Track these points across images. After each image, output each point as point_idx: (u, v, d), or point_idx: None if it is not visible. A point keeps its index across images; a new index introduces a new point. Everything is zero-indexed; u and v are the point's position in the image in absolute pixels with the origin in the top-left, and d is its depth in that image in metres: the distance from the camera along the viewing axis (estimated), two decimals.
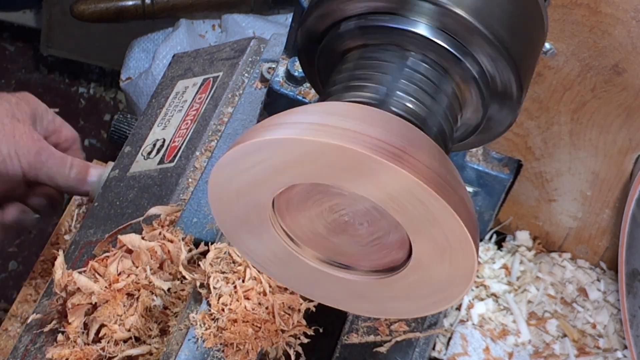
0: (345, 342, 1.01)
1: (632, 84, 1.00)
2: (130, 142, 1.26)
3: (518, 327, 1.15)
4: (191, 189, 1.12)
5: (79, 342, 0.98)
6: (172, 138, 1.21)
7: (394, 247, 0.82)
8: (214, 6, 1.78)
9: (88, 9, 1.76)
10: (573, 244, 1.20)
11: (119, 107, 2.50)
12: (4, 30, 2.54)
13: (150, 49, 1.84)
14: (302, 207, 0.83)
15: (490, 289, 1.18)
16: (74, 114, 2.48)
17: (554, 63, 1.01)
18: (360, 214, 0.81)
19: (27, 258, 2.19)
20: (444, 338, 1.13)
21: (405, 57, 0.84)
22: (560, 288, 1.18)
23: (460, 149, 0.95)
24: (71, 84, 2.52)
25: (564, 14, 0.97)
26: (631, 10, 0.94)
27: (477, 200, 1.11)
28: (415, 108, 0.83)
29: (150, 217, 1.08)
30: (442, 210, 0.74)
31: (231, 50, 1.30)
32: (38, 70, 2.52)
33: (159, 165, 1.19)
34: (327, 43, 0.88)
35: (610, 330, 1.16)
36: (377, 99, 0.82)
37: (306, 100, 1.06)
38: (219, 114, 1.19)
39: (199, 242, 1.04)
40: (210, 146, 1.15)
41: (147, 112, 1.30)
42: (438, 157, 0.77)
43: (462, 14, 0.81)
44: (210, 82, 1.26)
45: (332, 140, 0.73)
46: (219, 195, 0.84)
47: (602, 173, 1.10)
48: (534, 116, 1.07)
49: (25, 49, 2.55)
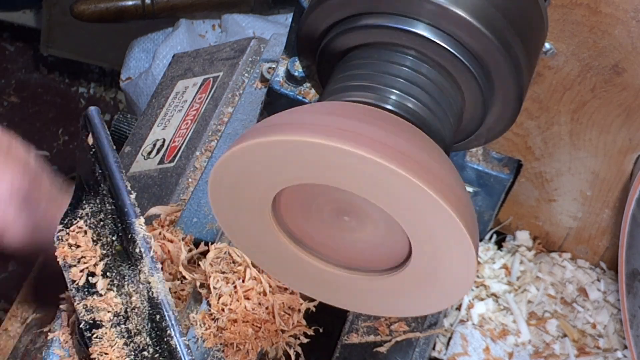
0: (345, 342, 1.01)
1: (632, 84, 1.00)
2: (130, 142, 1.26)
3: (518, 327, 1.15)
4: (191, 189, 1.12)
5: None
6: (172, 138, 1.21)
7: (393, 247, 0.82)
8: (214, 6, 1.78)
9: (88, 9, 1.76)
10: (573, 244, 1.20)
11: (119, 107, 2.50)
12: (4, 30, 2.54)
13: (150, 49, 1.84)
14: (301, 206, 0.83)
15: (490, 289, 1.18)
16: (74, 114, 2.48)
17: (554, 63, 1.01)
18: (359, 214, 0.81)
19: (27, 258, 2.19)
20: (444, 338, 1.13)
21: (406, 57, 0.84)
22: (560, 288, 1.18)
23: (460, 149, 0.95)
24: (71, 84, 2.52)
25: (564, 14, 0.97)
26: (631, 10, 0.94)
27: (477, 200, 1.11)
28: (415, 108, 0.83)
29: (150, 217, 1.08)
30: (441, 211, 0.74)
31: (231, 50, 1.30)
32: (38, 70, 2.52)
33: (159, 165, 1.19)
34: (327, 43, 0.88)
35: (610, 330, 1.16)
36: (377, 98, 0.82)
37: (306, 100, 1.06)
38: (219, 114, 1.19)
39: (199, 242, 1.04)
40: (210, 146, 1.15)
41: (147, 112, 1.30)
42: (438, 157, 0.77)
43: (462, 14, 0.81)
44: (210, 82, 1.26)
45: (331, 141, 0.73)
46: (219, 194, 0.84)
47: (602, 173, 1.10)
48: (534, 116, 1.07)
49: (25, 49, 2.55)
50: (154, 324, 0.76)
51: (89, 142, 0.82)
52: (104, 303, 0.78)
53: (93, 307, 0.78)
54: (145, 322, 0.77)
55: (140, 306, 0.77)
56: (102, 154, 0.80)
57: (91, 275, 0.80)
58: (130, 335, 0.78)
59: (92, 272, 0.80)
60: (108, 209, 0.79)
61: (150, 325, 0.77)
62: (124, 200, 0.78)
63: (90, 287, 0.79)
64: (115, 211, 0.79)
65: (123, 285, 0.78)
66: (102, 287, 0.79)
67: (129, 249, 0.78)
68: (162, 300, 0.76)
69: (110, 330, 0.78)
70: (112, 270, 0.79)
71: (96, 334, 0.78)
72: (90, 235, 0.80)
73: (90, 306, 0.78)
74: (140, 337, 0.77)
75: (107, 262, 0.80)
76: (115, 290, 0.79)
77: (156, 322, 0.76)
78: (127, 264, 0.78)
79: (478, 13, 0.81)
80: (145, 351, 0.77)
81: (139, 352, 0.77)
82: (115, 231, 0.79)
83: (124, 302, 0.78)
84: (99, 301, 0.78)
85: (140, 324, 0.77)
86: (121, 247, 0.79)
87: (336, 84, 0.85)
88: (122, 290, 0.79)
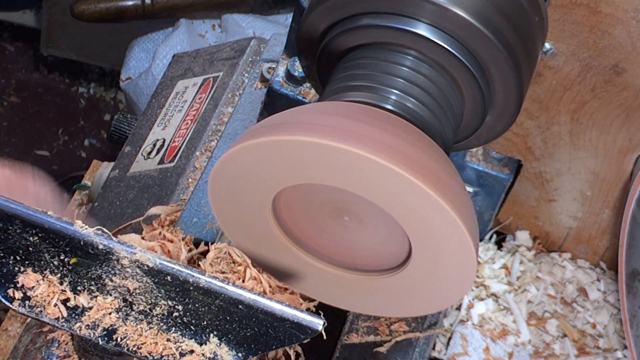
0: (345, 342, 1.01)
1: (632, 84, 1.00)
2: (130, 142, 1.26)
3: (518, 327, 1.15)
4: (191, 189, 1.12)
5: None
6: (172, 138, 1.21)
7: (393, 247, 0.82)
8: (214, 6, 1.78)
9: (88, 9, 1.76)
10: (573, 244, 1.20)
11: (119, 107, 2.50)
12: (4, 30, 2.54)
13: (150, 49, 1.84)
14: (301, 206, 0.83)
15: (490, 289, 1.18)
16: (74, 114, 2.48)
17: (554, 63, 1.01)
18: (359, 214, 0.81)
19: None
20: (444, 338, 1.13)
21: (406, 57, 0.84)
22: (560, 288, 1.18)
23: (460, 149, 0.95)
24: (71, 84, 2.52)
25: (564, 14, 0.97)
26: (631, 10, 0.94)
27: (477, 200, 1.11)
28: (415, 108, 0.83)
29: (150, 217, 1.08)
30: (441, 211, 0.74)
31: (231, 50, 1.30)
32: (38, 70, 2.52)
33: (159, 165, 1.19)
34: (327, 43, 0.88)
35: (610, 330, 1.16)
36: (377, 99, 0.82)
37: (306, 100, 1.06)
38: (219, 114, 1.19)
39: (199, 242, 1.04)
40: (210, 146, 1.15)
41: (147, 112, 1.30)
42: (437, 157, 0.77)
43: (462, 14, 0.81)
44: (210, 82, 1.26)
45: (331, 141, 0.73)
46: (219, 194, 0.84)
47: (602, 173, 1.10)
48: (534, 116, 1.07)
49: (25, 49, 2.55)
50: (168, 287, 0.75)
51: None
52: (100, 311, 0.78)
53: (94, 322, 0.78)
54: (156, 292, 0.76)
55: (140, 285, 0.76)
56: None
57: (66, 302, 0.78)
58: (147, 314, 0.77)
59: (64, 299, 0.78)
60: (33, 241, 0.78)
61: (163, 291, 0.76)
62: (48, 221, 0.76)
63: (75, 310, 0.78)
64: (46, 236, 0.77)
65: (105, 284, 0.78)
66: (85, 300, 0.78)
67: (88, 252, 0.76)
68: (161, 264, 0.75)
69: (127, 324, 0.78)
70: (82, 281, 0.78)
71: (118, 336, 0.77)
72: (34, 273, 0.79)
73: (90, 324, 0.78)
74: (159, 308, 0.77)
75: (69, 280, 0.78)
76: (99, 293, 0.78)
77: (169, 284, 0.75)
78: (96, 264, 0.77)
79: (478, 13, 0.81)
80: (175, 312, 0.76)
81: (169, 318, 0.76)
82: (58, 252, 0.78)
83: (116, 296, 0.78)
84: (94, 313, 0.78)
85: (150, 298, 0.77)
86: (76, 258, 0.78)
87: (336, 84, 0.85)
88: (107, 288, 0.78)
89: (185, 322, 0.76)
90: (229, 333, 0.75)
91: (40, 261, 0.78)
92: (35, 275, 0.79)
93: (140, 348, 0.77)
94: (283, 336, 0.73)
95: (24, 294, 0.78)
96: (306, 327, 0.71)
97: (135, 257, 0.75)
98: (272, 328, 0.73)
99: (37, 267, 0.78)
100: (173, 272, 0.75)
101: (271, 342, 0.74)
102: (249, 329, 0.74)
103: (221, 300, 0.73)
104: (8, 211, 0.76)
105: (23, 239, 0.77)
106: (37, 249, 0.78)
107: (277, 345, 0.73)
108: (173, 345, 0.76)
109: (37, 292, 0.78)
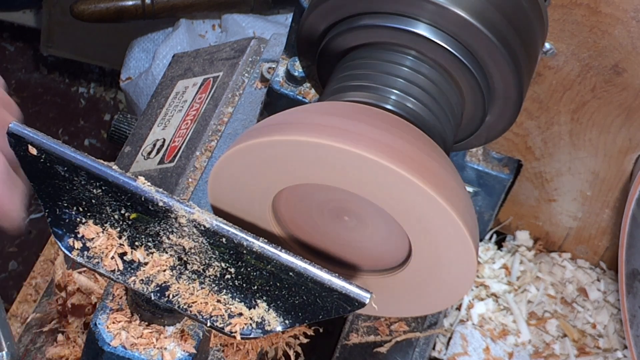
0: (345, 342, 1.01)
1: (632, 84, 1.00)
2: (130, 142, 1.26)
3: (518, 327, 1.15)
4: (191, 189, 1.12)
5: (79, 342, 0.98)
6: (172, 138, 1.21)
7: (393, 247, 0.82)
8: (214, 6, 1.78)
9: (88, 9, 1.76)
10: (573, 244, 1.20)
11: (119, 107, 2.50)
12: (4, 30, 2.54)
13: (150, 49, 1.84)
14: (301, 206, 0.83)
15: (490, 289, 1.18)
16: (74, 114, 2.48)
17: (554, 63, 1.01)
18: (360, 214, 0.81)
19: (27, 258, 2.19)
20: (444, 338, 1.13)
21: (405, 57, 0.84)
22: (560, 288, 1.18)
23: (460, 149, 0.95)
24: (71, 84, 2.52)
25: (564, 14, 0.97)
26: (631, 10, 0.94)
27: (477, 200, 1.11)
28: (415, 108, 0.83)
29: None
30: (441, 211, 0.74)
31: (231, 50, 1.30)
32: (38, 70, 2.52)
33: (159, 165, 1.19)
34: (327, 43, 0.88)
35: (610, 330, 1.16)
36: (377, 98, 0.82)
37: (306, 100, 1.06)
38: (219, 114, 1.19)
39: None
40: (210, 146, 1.16)
41: (147, 112, 1.30)
42: (438, 157, 0.77)
43: (462, 14, 0.81)
44: (210, 82, 1.26)
45: (331, 141, 0.73)
46: (219, 194, 0.84)
47: (602, 173, 1.10)
48: (534, 116, 1.07)
49: (25, 49, 2.55)
50: (222, 248, 0.76)
51: (33, 152, 0.81)
52: (155, 267, 0.78)
53: (149, 277, 0.78)
54: (210, 253, 0.77)
55: (196, 244, 0.77)
56: (57, 153, 0.79)
57: (123, 256, 0.79)
58: (200, 274, 0.77)
59: (122, 253, 0.79)
60: (97, 194, 0.78)
61: (217, 252, 0.76)
62: (112, 175, 0.77)
63: (131, 264, 0.79)
64: (109, 189, 0.78)
65: (161, 242, 0.78)
66: (142, 256, 0.79)
67: (148, 208, 0.77)
68: (217, 225, 0.75)
69: (179, 282, 0.78)
70: (140, 237, 0.79)
71: (170, 293, 0.77)
72: (94, 225, 0.80)
73: (144, 279, 0.78)
74: (211, 269, 0.77)
75: (128, 235, 0.79)
76: (155, 250, 0.78)
77: (224, 246, 0.75)
78: (154, 221, 0.78)
79: (478, 13, 0.81)
80: (227, 275, 0.76)
81: (220, 280, 0.77)
82: (119, 206, 0.78)
83: (172, 254, 0.78)
84: (149, 269, 0.78)
85: (204, 258, 0.77)
86: (136, 214, 0.78)
87: (336, 84, 0.85)
88: (163, 245, 0.78)
89: (237, 285, 0.76)
90: (277, 299, 0.75)
91: (101, 214, 0.79)
92: (95, 228, 0.79)
93: (191, 307, 0.77)
94: (330, 306, 0.73)
95: (83, 244, 0.79)
96: (353, 299, 0.72)
97: (193, 216, 0.76)
98: (320, 298, 0.73)
99: (98, 220, 0.79)
100: (228, 234, 0.75)
101: (318, 311, 0.74)
102: (298, 297, 0.74)
103: (273, 266, 0.74)
104: (74, 162, 0.77)
105: (87, 191, 0.78)
106: (100, 201, 0.79)
107: (323, 316, 0.73)
108: (222, 306, 0.77)
109: (96, 244, 0.79)
